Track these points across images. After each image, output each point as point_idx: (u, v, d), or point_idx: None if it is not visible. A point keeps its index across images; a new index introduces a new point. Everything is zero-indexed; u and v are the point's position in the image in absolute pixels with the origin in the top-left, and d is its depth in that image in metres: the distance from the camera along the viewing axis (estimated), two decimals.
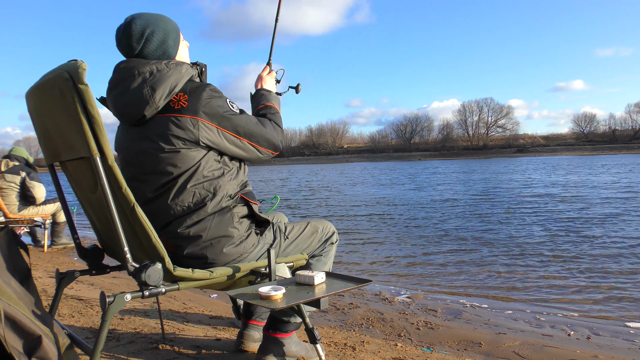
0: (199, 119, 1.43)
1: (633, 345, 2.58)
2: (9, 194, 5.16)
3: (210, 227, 1.47)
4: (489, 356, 2.34)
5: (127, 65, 1.46)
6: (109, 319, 1.25)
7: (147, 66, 1.43)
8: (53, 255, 5.19)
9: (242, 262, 1.54)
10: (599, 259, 4.71)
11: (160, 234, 1.46)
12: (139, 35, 1.47)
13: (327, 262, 1.83)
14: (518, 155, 69.21)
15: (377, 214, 9.15)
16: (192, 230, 1.46)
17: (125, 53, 1.51)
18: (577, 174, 19.64)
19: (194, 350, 1.93)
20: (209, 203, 1.47)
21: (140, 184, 1.49)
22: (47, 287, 3.13)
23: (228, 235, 1.50)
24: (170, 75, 1.43)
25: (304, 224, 1.80)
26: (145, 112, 1.41)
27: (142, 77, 1.42)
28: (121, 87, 1.44)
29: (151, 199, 1.48)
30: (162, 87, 1.41)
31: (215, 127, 1.46)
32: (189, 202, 1.46)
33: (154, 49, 1.49)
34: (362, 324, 2.83)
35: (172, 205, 1.46)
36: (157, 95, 1.40)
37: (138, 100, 1.41)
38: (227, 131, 1.49)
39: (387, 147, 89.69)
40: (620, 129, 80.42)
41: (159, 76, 1.42)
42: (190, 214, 1.46)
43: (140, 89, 1.41)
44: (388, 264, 4.83)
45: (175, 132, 1.42)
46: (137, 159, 1.48)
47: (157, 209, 1.48)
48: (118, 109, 1.47)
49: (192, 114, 1.42)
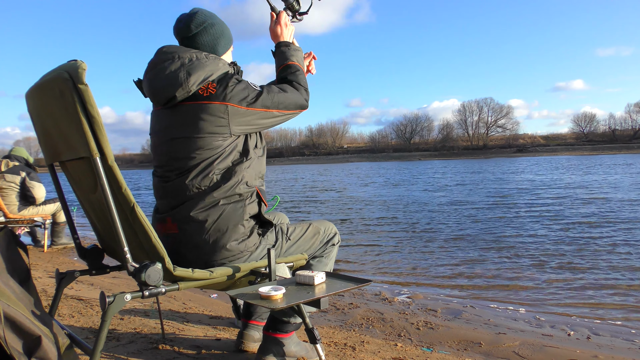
0: (227, 104, 1.48)
1: (633, 345, 2.58)
2: (9, 194, 5.16)
3: (220, 216, 1.50)
4: (489, 356, 2.34)
5: (168, 50, 1.54)
6: (109, 319, 1.25)
7: (188, 53, 1.52)
8: (53, 255, 5.18)
9: (242, 262, 1.55)
10: (599, 259, 4.71)
11: (168, 214, 1.51)
12: (200, 22, 1.58)
13: (329, 263, 1.83)
14: (518, 155, 69.23)
15: (377, 213, 9.15)
16: (202, 214, 1.49)
17: (179, 34, 1.60)
18: (576, 175, 19.64)
19: (194, 350, 1.93)
20: (223, 186, 1.50)
21: (165, 167, 1.54)
22: (47, 287, 3.13)
23: (234, 230, 1.52)
24: (208, 65, 1.51)
25: (306, 225, 1.80)
26: (176, 94, 1.47)
27: (180, 62, 1.49)
28: (159, 67, 1.51)
29: (172, 180, 1.53)
30: (198, 73, 1.48)
31: (244, 109, 1.51)
32: (205, 186, 1.50)
33: (207, 40, 1.59)
34: (362, 324, 2.83)
35: (189, 185, 1.49)
36: (191, 79, 1.47)
37: (172, 82, 1.47)
38: (256, 109, 1.54)
39: (387, 147, 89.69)
40: (620, 129, 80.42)
41: (197, 63, 1.50)
42: (204, 197, 1.49)
43: (177, 72, 1.48)
44: (388, 264, 4.83)
45: (205, 118, 1.47)
46: (166, 143, 1.53)
47: (174, 188, 1.52)
48: (152, 89, 1.53)
49: (221, 100, 1.48)
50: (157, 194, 1.61)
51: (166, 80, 1.48)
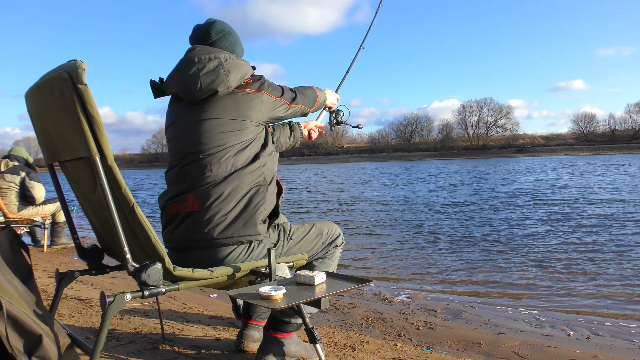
0: (263, 92, 1.63)
1: (633, 345, 2.58)
2: (8, 194, 5.16)
3: (246, 195, 1.55)
4: (489, 356, 2.34)
5: (202, 49, 1.63)
6: (109, 319, 1.25)
7: (222, 53, 1.62)
8: (53, 255, 5.19)
9: (243, 262, 1.55)
10: (599, 259, 4.71)
11: (190, 192, 1.54)
12: (219, 29, 1.70)
13: (332, 265, 1.83)
14: (518, 155, 69.23)
15: (377, 213, 9.16)
16: (228, 191, 1.52)
17: (198, 41, 1.70)
18: (577, 174, 19.64)
19: (194, 350, 1.93)
20: (250, 167, 1.57)
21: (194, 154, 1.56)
22: (47, 287, 3.13)
23: (256, 210, 1.55)
24: (243, 64, 1.63)
25: (309, 225, 1.79)
26: (219, 89, 1.55)
27: (218, 61, 1.59)
28: (198, 65, 1.58)
29: (198, 160, 1.56)
30: (236, 71, 1.59)
31: (275, 98, 1.67)
32: (233, 166, 1.55)
33: (227, 46, 1.71)
34: (361, 324, 2.83)
35: (217, 166, 1.54)
36: (231, 77, 1.57)
37: (214, 79, 1.55)
38: (284, 100, 1.71)
39: (387, 147, 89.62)
40: (620, 129, 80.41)
41: (233, 63, 1.60)
42: (231, 176, 1.53)
43: (217, 69, 1.56)
44: (388, 264, 4.83)
45: (240, 102, 1.58)
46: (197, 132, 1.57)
47: (198, 168, 1.55)
48: (190, 85, 1.57)
49: (257, 89, 1.62)
50: (173, 180, 1.63)
51: (207, 76, 1.55)
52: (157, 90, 1.72)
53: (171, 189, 1.63)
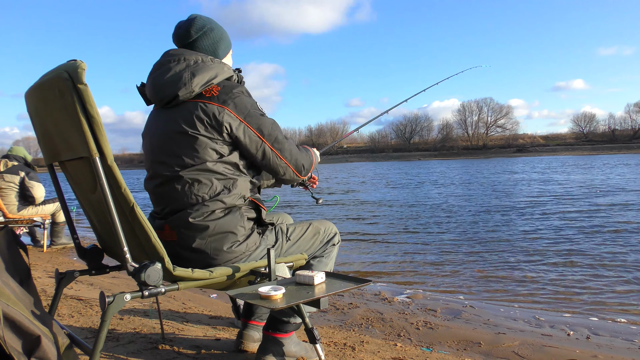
0: (225, 107, 1.48)
1: (632, 345, 2.58)
2: (8, 193, 5.15)
3: (219, 222, 1.49)
4: (489, 356, 2.34)
5: (175, 52, 1.56)
6: (109, 319, 1.25)
7: (194, 55, 1.54)
8: (52, 255, 5.18)
9: (243, 262, 1.55)
10: (599, 259, 4.71)
11: (166, 221, 1.50)
12: (199, 27, 1.61)
13: (329, 263, 1.83)
14: (517, 155, 69.23)
15: (377, 213, 9.15)
16: (201, 221, 1.48)
17: (179, 40, 1.62)
18: (577, 174, 19.64)
19: (194, 350, 1.93)
20: (223, 198, 1.50)
21: (160, 167, 1.53)
22: (47, 287, 3.13)
23: (234, 232, 1.51)
24: (213, 68, 1.53)
25: (306, 224, 1.79)
26: (179, 93, 1.47)
27: (186, 63, 1.51)
28: (165, 68, 1.53)
29: (167, 182, 1.51)
30: (202, 75, 1.49)
31: (239, 120, 1.49)
32: (204, 193, 1.49)
33: (207, 44, 1.62)
34: (361, 324, 2.83)
35: (188, 192, 1.49)
36: (195, 80, 1.48)
37: (176, 82, 1.49)
38: (251, 127, 1.52)
39: (387, 147, 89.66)
40: (620, 129, 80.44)
41: (202, 66, 1.51)
42: (203, 205, 1.48)
43: (181, 72, 1.49)
44: (388, 264, 4.83)
45: (200, 115, 1.47)
46: (161, 142, 1.53)
47: (171, 194, 1.51)
48: (155, 87, 1.54)
49: (220, 103, 1.48)
50: (151, 198, 1.61)
51: (170, 79, 1.50)
52: (145, 96, 1.68)
53: (154, 208, 1.62)
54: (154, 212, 1.62)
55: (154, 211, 1.63)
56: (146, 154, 1.61)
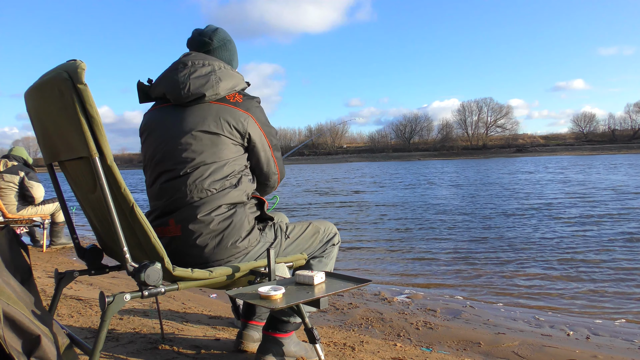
0: (250, 115, 1.60)
1: (632, 345, 2.58)
2: (7, 193, 5.15)
3: (225, 217, 1.53)
4: (488, 356, 2.34)
5: (199, 56, 1.63)
6: (109, 319, 1.25)
7: (217, 62, 1.62)
8: (52, 255, 5.18)
9: (242, 260, 1.55)
10: (599, 259, 4.72)
11: (172, 216, 1.52)
12: (221, 37, 1.72)
13: (329, 263, 1.83)
14: (517, 155, 69.27)
15: (377, 213, 9.16)
16: (208, 216, 1.50)
17: (199, 46, 1.70)
18: (577, 174, 19.65)
19: (193, 350, 1.93)
20: (231, 194, 1.55)
21: (172, 162, 1.55)
22: (46, 287, 3.13)
23: (238, 228, 1.54)
24: (235, 76, 1.63)
25: (306, 224, 1.80)
26: (206, 93, 1.54)
27: (211, 67, 1.59)
28: (190, 68, 1.57)
29: (179, 177, 1.54)
30: (227, 81, 1.59)
31: (260, 130, 1.64)
32: (214, 189, 1.53)
33: (225, 56, 1.72)
34: (361, 324, 2.83)
35: (199, 187, 1.52)
36: (221, 84, 1.57)
37: (203, 83, 1.55)
38: (266, 138, 1.67)
39: (387, 147, 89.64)
40: (619, 129, 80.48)
41: (226, 73, 1.61)
42: (211, 199, 1.52)
43: (208, 75, 1.57)
44: (387, 264, 4.83)
45: (227, 118, 1.55)
46: (177, 137, 1.55)
47: (179, 187, 1.53)
48: (180, 86, 1.55)
49: (245, 110, 1.60)
50: (155, 195, 1.60)
51: (197, 80, 1.55)
52: (144, 94, 1.69)
53: (154, 205, 1.61)
54: (155, 208, 1.61)
55: (154, 207, 1.62)
56: (154, 149, 1.60)
